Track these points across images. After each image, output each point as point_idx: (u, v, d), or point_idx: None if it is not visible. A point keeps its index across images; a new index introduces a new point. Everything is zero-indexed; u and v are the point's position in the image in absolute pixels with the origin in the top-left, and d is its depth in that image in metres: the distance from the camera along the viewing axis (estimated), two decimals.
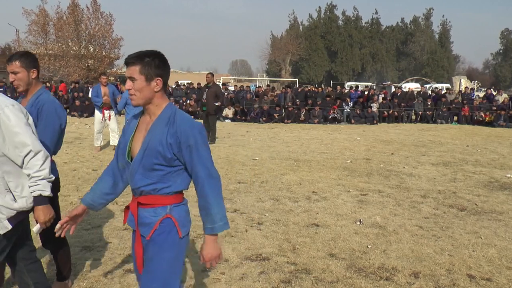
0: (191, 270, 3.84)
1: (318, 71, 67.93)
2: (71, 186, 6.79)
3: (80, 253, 4.21)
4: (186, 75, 62.87)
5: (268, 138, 13.35)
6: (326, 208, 5.83)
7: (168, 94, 22.28)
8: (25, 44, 35.15)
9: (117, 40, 36.48)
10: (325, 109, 19.87)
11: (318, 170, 8.34)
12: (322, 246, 4.45)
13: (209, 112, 11.73)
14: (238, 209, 5.69)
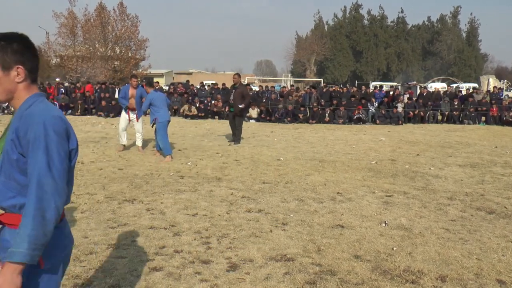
0: (215, 269, 3.87)
1: (343, 71, 67.54)
2: (98, 185, 6.92)
3: (106, 250, 4.29)
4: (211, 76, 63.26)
5: (293, 139, 13.34)
6: (351, 209, 5.81)
7: (193, 94, 22.46)
8: (54, 46, 35.96)
9: (142, 42, 37.00)
10: (350, 109, 19.73)
11: (343, 171, 8.31)
12: (347, 248, 4.44)
13: (236, 113, 11.83)
14: (263, 209, 5.72)
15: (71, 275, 3.72)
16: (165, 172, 7.92)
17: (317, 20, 71.56)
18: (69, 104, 21.80)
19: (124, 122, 10.27)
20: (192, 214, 5.45)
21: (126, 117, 10.28)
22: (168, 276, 3.74)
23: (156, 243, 4.47)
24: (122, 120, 10.31)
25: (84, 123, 17.39)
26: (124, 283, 3.62)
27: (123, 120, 10.29)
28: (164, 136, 9.39)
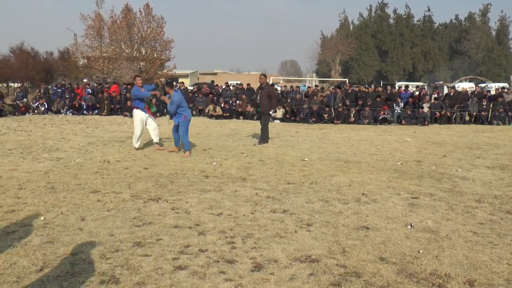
0: (240, 269, 3.90)
1: (368, 71, 66.98)
2: (123, 184, 7.03)
3: (131, 248, 4.36)
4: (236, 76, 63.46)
5: (318, 139, 13.29)
6: (376, 210, 5.77)
7: (218, 95, 22.57)
8: (82, 48, 36.60)
9: (168, 42, 37.29)
10: (375, 109, 19.54)
11: (368, 172, 8.25)
12: (372, 250, 4.41)
13: (263, 112, 11.90)
14: (288, 209, 5.72)
15: (97, 272, 3.80)
16: (190, 172, 7.99)
17: (343, 20, 71.18)
18: (95, 104, 22.16)
19: (141, 124, 10.38)
20: (217, 214, 5.49)
21: (143, 119, 10.37)
22: (193, 275, 3.78)
23: (181, 242, 4.52)
24: (139, 123, 10.37)
25: (110, 123, 17.67)
26: (150, 281, 3.67)
27: (140, 123, 10.36)
28: (186, 132, 9.89)
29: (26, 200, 6.04)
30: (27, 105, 21.82)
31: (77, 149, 10.57)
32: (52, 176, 7.58)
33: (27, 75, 36.50)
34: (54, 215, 5.37)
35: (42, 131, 14.51)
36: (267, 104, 11.80)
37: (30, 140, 12.07)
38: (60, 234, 4.74)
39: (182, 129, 9.83)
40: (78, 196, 6.25)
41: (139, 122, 10.39)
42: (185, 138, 9.86)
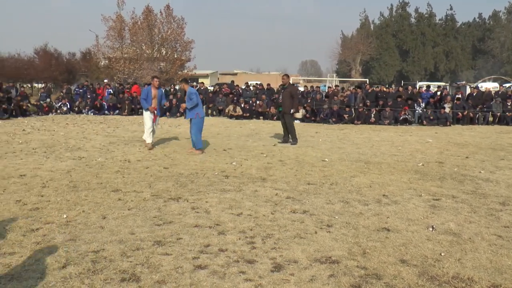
0: (259, 269, 3.90)
1: (389, 71, 66.37)
2: (144, 183, 7.09)
3: (152, 247, 4.39)
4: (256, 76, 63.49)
5: (338, 139, 13.22)
6: (397, 212, 5.71)
7: (238, 95, 22.61)
8: (103, 49, 37.09)
9: (188, 43, 37.53)
10: (396, 110, 19.36)
11: (388, 173, 8.17)
12: (393, 251, 4.36)
13: (285, 111, 11.91)
14: (308, 210, 5.70)
15: (118, 270, 3.84)
16: (210, 172, 8.02)
17: (363, 19, 70.70)
18: (116, 104, 22.42)
19: (150, 120, 10.69)
20: (237, 214, 5.50)
21: (150, 116, 10.69)
22: (213, 274, 3.79)
23: (201, 242, 4.54)
24: (148, 120, 10.70)
25: (131, 123, 17.84)
26: (170, 280, 3.69)
27: (149, 119, 10.69)
28: (198, 131, 10.12)
29: (50, 198, 6.14)
30: (50, 105, 22.20)
31: (99, 149, 10.71)
32: (74, 175, 7.69)
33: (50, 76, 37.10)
34: (76, 213, 5.45)
35: (64, 130, 14.73)
36: (289, 104, 11.84)
37: (53, 140, 12.27)
38: (82, 232, 4.81)
39: (195, 127, 10.07)
40: (99, 195, 6.32)
41: (148, 119, 10.72)
42: (197, 136, 10.09)
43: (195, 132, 10.08)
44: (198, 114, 10.12)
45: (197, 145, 10.09)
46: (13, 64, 38.20)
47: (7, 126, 15.75)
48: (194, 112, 10.13)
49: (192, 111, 10.16)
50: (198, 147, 10.06)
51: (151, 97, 10.69)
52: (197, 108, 10.15)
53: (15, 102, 20.13)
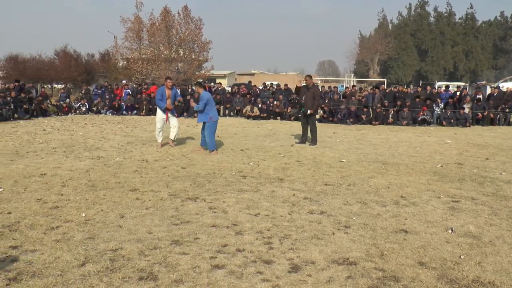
0: (277, 270, 3.89)
1: (407, 71, 65.74)
2: (161, 183, 7.13)
3: (169, 246, 4.41)
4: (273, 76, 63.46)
5: (355, 140, 13.15)
6: (415, 214, 5.65)
7: (256, 95, 22.62)
8: (121, 50, 37.46)
9: (206, 44, 37.63)
10: (414, 110, 19.18)
11: (406, 174, 8.09)
12: (411, 254, 4.32)
13: (306, 113, 11.95)
14: (325, 211, 5.68)
15: (136, 269, 3.87)
16: (228, 172, 8.04)
17: (381, 19, 70.16)
18: (134, 105, 22.60)
19: (161, 122, 10.95)
20: (254, 214, 5.50)
21: (163, 117, 10.91)
22: (230, 274, 3.80)
23: (218, 241, 4.55)
24: (159, 120, 10.95)
25: (149, 123, 17.97)
26: (187, 279, 3.71)
27: (160, 120, 10.94)
28: (213, 133, 10.19)
29: (69, 197, 6.22)
30: (69, 106, 22.49)
31: (117, 148, 10.81)
32: (93, 174, 7.77)
33: (70, 77, 37.55)
34: (94, 212, 5.51)
35: (83, 130, 14.91)
36: (312, 105, 11.83)
37: (72, 139, 12.43)
38: (101, 230, 4.86)
39: (209, 130, 10.11)
40: (117, 194, 6.39)
41: (160, 119, 10.96)
42: (211, 138, 10.13)
43: (209, 134, 10.11)
44: (211, 117, 10.11)
45: (210, 147, 10.11)
46: (35, 65, 38.76)
47: (28, 126, 16.02)
48: (206, 115, 10.12)
49: (205, 114, 10.16)
50: (212, 149, 10.09)
51: (165, 97, 10.82)
52: (210, 111, 10.15)
53: (36, 103, 20.46)
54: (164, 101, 10.86)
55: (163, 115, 10.93)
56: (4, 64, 38.41)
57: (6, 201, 5.97)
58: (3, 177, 7.44)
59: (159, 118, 10.96)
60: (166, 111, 10.91)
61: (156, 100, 11.04)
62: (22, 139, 12.34)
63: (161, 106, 10.88)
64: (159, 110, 11.00)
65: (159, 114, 10.97)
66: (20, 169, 8.15)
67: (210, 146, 10.14)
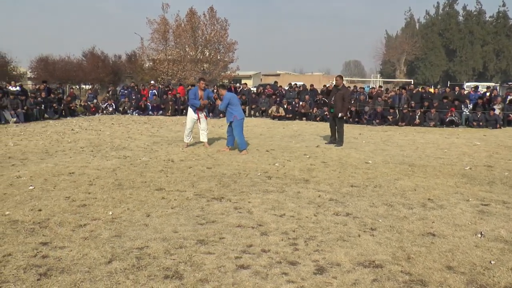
0: (302, 271, 3.87)
1: (434, 71, 64.69)
2: (187, 183, 7.18)
3: (195, 246, 4.43)
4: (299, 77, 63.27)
5: (382, 141, 13.00)
6: (442, 217, 5.55)
7: (281, 96, 22.59)
8: (148, 51, 37.93)
9: (231, 44, 37.82)
10: (442, 111, 18.85)
11: (434, 176, 7.95)
12: (438, 257, 4.23)
13: (336, 114, 11.89)
14: (351, 213, 5.63)
15: (161, 267, 3.90)
16: (253, 172, 8.04)
17: (408, 18, 69.29)
18: (160, 105, 22.84)
19: (191, 122, 11.04)
20: (280, 215, 5.49)
21: (193, 117, 11.01)
22: (255, 274, 3.80)
23: (243, 242, 4.55)
24: (189, 121, 11.05)
25: (174, 123, 18.13)
26: (212, 278, 3.71)
27: (190, 121, 11.03)
28: (241, 132, 10.26)
29: (96, 195, 6.32)
30: (96, 106, 22.87)
31: (143, 148, 10.93)
32: (120, 173, 7.88)
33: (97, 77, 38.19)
34: (121, 211, 5.58)
35: (110, 130, 15.13)
36: (341, 106, 11.75)
37: (99, 139, 12.62)
38: (127, 229, 4.92)
39: (237, 129, 10.20)
40: (143, 193, 6.45)
41: (190, 120, 11.05)
42: (240, 138, 10.21)
43: (238, 134, 10.20)
44: (235, 116, 10.22)
45: (241, 146, 10.19)
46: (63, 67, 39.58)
47: (57, 126, 16.36)
48: (231, 114, 10.26)
49: (230, 114, 10.30)
50: (243, 148, 10.17)
51: (198, 98, 10.92)
52: (234, 110, 10.26)
53: (64, 103, 20.88)
54: (198, 101, 10.94)
55: (194, 116, 10.99)
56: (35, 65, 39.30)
57: (36, 198, 6.11)
58: (34, 175, 7.62)
59: (190, 118, 11.04)
60: (197, 112, 10.96)
61: (189, 100, 11.07)
62: (51, 139, 12.60)
63: (197, 104, 10.92)
64: (191, 110, 11.06)
65: (190, 115, 11.05)
66: (49, 167, 8.32)
67: (240, 145, 10.21)
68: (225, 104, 10.25)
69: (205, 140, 11.23)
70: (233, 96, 10.55)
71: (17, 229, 4.87)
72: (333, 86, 12.20)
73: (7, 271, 3.81)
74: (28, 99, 19.03)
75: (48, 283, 3.60)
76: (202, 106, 11.00)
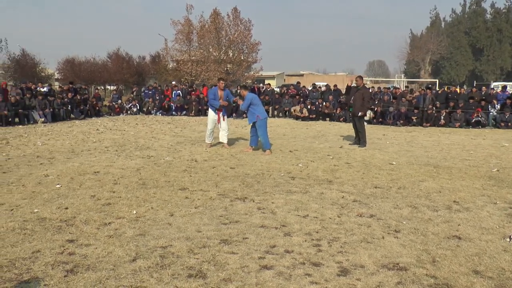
0: (325, 273, 3.85)
1: (460, 71, 63.50)
2: (210, 182, 7.22)
3: (218, 245, 4.45)
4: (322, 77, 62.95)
5: (406, 142, 12.85)
6: (468, 219, 5.44)
7: (305, 96, 22.51)
8: (171, 52, 38.24)
9: (255, 45, 37.82)
10: (468, 112, 18.52)
11: (459, 178, 7.82)
12: (465, 261, 4.16)
13: (355, 114, 11.82)
14: (375, 214, 5.57)
15: (185, 266, 3.93)
16: (276, 173, 8.04)
17: (433, 17, 68.17)
18: (183, 105, 23.01)
19: (212, 123, 11.05)
20: (303, 216, 5.47)
21: (213, 118, 11.01)
22: (279, 275, 3.79)
23: (267, 242, 4.55)
24: (211, 121, 11.06)
25: (198, 123, 18.25)
26: (236, 278, 3.72)
27: (211, 121, 11.04)
28: (265, 132, 10.29)
29: (120, 194, 6.40)
30: (121, 106, 23.19)
31: (166, 148, 11.03)
32: (144, 173, 7.96)
33: (122, 78, 38.66)
34: (145, 210, 5.65)
35: (134, 130, 15.32)
36: (360, 107, 11.68)
37: (124, 139, 12.79)
38: (151, 227, 4.97)
39: (261, 129, 10.24)
40: (167, 193, 6.51)
41: (211, 120, 11.07)
42: (264, 137, 10.24)
43: (262, 134, 10.23)
44: (258, 116, 10.25)
45: (265, 145, 10.22)
46: (89, 68, 40.17)
47: (83, 126, 16.65)
48: (254, 114, 10.29)
49: (252, 114, 10.33)
50: (267, 148, 10.19)
51: (218, 98, 10.95)
52: (256, 110, 10.29)
53: (90, 103, 21.23)
54: (218, 101, 10.98)
55: (215, 116, 11.03)
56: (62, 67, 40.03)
57: (63, 197, 6.23)
58: (61, 174, 7.77)
59: (211, 119, 11.08)
60: (218, 112, 11.01)
61: (209, 100, 11.15)
62: (77, 138, 12.83)
63: (216, 104, 10.96)
64: (211, 111, 11.11)
65: (211, 115, 11.09)
66: (75, 166, 8.47)
67: (264, 145, 10.25)
68: (247, 104, 10.31)
69: (225, 141, 11.22)
70: (254, 96, 10.58)
71: (45, 226, 4.99)
72: (352, 86, 12.10)
73: (36, 267, 3.90)
74: (55, 100, 19.41)
75: (74, 280, 3.67)
76: (221, 107, 11.02)
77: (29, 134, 13.99)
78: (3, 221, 5.14)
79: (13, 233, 4.76)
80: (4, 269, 3.86)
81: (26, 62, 33.84)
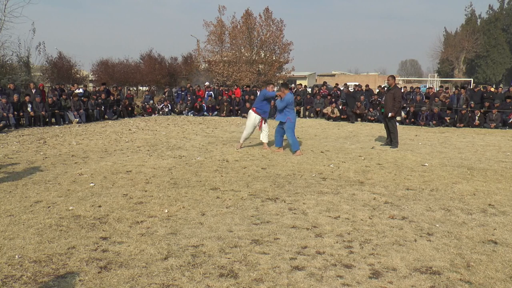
0: (357, 275, 3.82)
1: (496, 69, 61.64)
2: (242, 183, 7.24)
3: (249, 245, 4.47)
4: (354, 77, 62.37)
5: (439, 143, 12.60)
6: (505, 224, 5.30)
7: (336, 96, 22.35)
8: (203, 52, 38.55)
9: (287, 45, 37.71)
10: (505, 112, 18.01)
11: (495, 181, 7.62)
12: (501, 267, 4.05)
13: (386, 114, 11.72)
14: (407, 216, 5.49)
15: (217, 265, 3.96)
16: (307, 173, 8.01)
17: (469, 14, 66.34)
18: (215, 106, 23.17)
19: (252, 128, 10.78)
20: (334, 217, 5.44)
21: (255, 124, 10.71)
22: (310, 276, 3.78)
23: (298, 243, 4.54)
24: (251, 125, 10.73)
25: (229, 123, 18.33)
26: (267, 278, 3.73)
27: (252, 125, 10.72)
28: (293, 134, 10.29)
29: (152, 193, 6.50)
30: (153, 107, 23.52)
31: (198, 148, 11.13)
32: (175, 172, 8.06)
33: (154, 79, 39.18)
34: (176, 209, 5.72)
35: (166, 130, 15.51)
36: (391, 106, 11.54)
37: (156, 139, 12.97)
38: (182, 226, 5.03)
39: (289, 131, 10.24)
40: (198, 192, 6.57)
41: (251, 125, 10.75)
42: (292, 139, 10.22)
43: (290, 136, 10.20)
44: (289, 118, 10.21)
45: (294, 147, 10.18)
46: (122, 69, 40.91)
47: (115, 126, 16.97)
48: (285, 116, 10.24)
49: (283, 114, 10.27)
50: (296, 149, 10.15)
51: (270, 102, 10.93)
52: (289, 113, 10.25)
53: (122, 104, 21.64)
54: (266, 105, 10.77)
55: (257, 121, 10.70)
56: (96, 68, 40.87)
57: (97, 195, 6.37)
58: (94, 173, 7.94)
59: (251, 123, 10.71)
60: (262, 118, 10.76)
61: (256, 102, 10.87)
62: (110, 138, 13.08)
63: (267, 109, 10.77)
64: (254, 114, 10.68)
65: (252, 120, 10.70)
66: (108, 166, 8.64)
67: (293, 146, 10.21)
68: (284, 105, 10.21)
69: (265, 141, 10.90)
70: (292, 97, 10.49)
71: (80, 223, 5.11)
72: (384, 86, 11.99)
73: (71, 263, 4.02)
74: (89, 101, 19.86)
75: (108, 276, 3.76)
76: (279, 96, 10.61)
77: (65, 134, 14.36)
78: (41, 218, 5.31)
79: (50, 229, 4.91)
80: (42, 264, 4.00)
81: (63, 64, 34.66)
